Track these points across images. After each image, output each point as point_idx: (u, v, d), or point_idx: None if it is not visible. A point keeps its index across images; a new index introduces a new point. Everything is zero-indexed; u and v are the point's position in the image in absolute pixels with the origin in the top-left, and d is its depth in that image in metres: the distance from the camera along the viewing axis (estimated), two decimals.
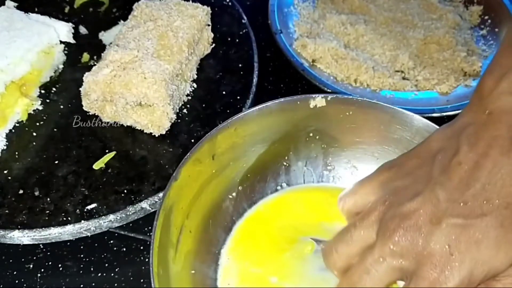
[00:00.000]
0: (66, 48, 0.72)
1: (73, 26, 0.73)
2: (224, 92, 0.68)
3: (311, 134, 0.55)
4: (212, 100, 0.68)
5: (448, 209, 0.37)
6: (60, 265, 0.57)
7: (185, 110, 0.67)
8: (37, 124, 0.66)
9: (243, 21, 0.75)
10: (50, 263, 0.57)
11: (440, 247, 0.37)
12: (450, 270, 0.36)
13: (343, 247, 0.42)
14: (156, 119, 0.63)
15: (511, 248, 0.37)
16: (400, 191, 0.41)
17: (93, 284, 0.56)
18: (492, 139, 0.38)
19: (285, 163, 0.56)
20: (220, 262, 0.50)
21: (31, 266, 0.57)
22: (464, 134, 0.40)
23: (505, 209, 0.37)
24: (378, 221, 0.40)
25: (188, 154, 0.49)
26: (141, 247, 0.59)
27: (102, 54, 0.66)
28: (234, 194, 0.53)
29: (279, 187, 0.56)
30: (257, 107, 0.53)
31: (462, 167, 0.38)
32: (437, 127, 0.51)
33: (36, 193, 0.59)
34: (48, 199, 0.58)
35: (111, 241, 0.59)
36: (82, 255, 0.58)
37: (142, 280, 0.56)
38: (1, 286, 0.56)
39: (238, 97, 0.67)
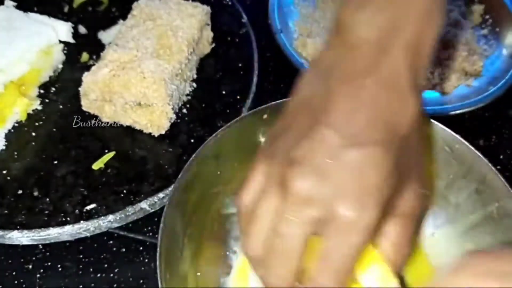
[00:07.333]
0: (65, 48, 0.72)
1: (72, 25, 0.73)
2: (224, 92, 0.68)
3: None
4: (212, 100, 0.68)
5: (341, 142, 0.36)
6: (59, 266, 0.57)
7: (184, 110, 0.66)
8: (36, 124, 0.65)
9: (243, 20, 0.74)
10: (49, 263, 0.57)
11: (347, 180, 0.35)
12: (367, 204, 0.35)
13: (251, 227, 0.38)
14: (156, 119, 0.63)
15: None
16: (281, 146, 0.37)
17: (92, 284, 0.56)
18: (363, 70, 0.37)
19: None
20: (225, 264, 0.50)
21: (30, 266, 0.57)
22: (332, 71, 0.38)
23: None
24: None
25: (193, 156, 0.49)
26: (141, 248, 0.58)
27: (101, 53, 0.65)
28: None
29: None
30: (261, 108, 0.52)
31: (341, 101, 0.37)
32: (438, 124, 0.51)
33: (35, 193, 0.59)
34: (47, 199, 0.58)
35: (111, 242, 0.59)
36: (81, 256, 0.58)
37: (141, 281, 0.56)
38: (1, 286, 0.56)
39: (238, 97, 0.67)
